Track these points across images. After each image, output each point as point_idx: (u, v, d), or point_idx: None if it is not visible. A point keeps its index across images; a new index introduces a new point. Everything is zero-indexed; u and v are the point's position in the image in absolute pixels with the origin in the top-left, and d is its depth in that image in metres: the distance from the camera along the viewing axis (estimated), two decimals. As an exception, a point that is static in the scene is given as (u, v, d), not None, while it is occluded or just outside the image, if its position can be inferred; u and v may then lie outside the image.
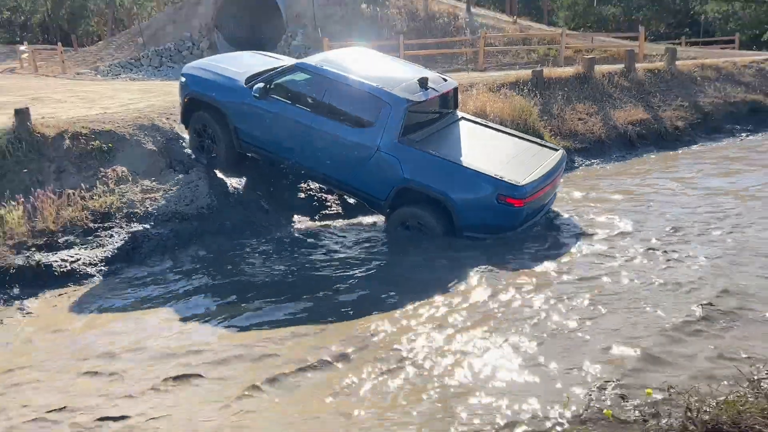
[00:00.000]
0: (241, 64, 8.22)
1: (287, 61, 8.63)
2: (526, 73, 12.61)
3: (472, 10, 24.45)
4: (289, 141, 7.39)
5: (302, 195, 8.48)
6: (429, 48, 20.65)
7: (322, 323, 5.31)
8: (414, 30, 22.69)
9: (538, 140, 8.28)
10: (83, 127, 8.14)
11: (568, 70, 13.28)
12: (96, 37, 36.10)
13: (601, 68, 13.44)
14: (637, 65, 14.03)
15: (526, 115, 10.41)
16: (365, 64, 7.59)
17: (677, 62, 14.36)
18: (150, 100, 11.00)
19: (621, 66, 13.70)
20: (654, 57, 18.34)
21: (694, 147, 11.71)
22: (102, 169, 7.76)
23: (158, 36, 26.25)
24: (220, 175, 8.17)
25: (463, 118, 8.00)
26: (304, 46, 23.70)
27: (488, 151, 7.31)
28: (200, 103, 7.89)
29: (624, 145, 11.39)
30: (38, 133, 7.82)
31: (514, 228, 6.85)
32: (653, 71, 13.77)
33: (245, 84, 7.59)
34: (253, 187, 8.35)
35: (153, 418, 4.01)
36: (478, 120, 8.31)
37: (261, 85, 7.33)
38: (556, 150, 7.79)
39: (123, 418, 4.04)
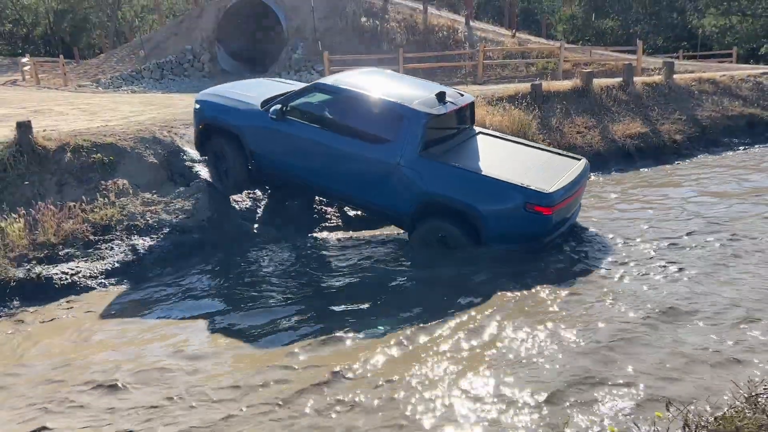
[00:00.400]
0: (255, 90, 8.23)
1: (301, 86, 8.55)
2: (524, 87, 12.69)
3: (471, 23, 24.61)
4: (307, 162, 7.34)
5: (302, 207, 8.52)
6: (428, 61, 20.77)
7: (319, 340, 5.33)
8: (413, 43, 22.84)
9: (560, 151, 8.22)
10: (85, 139, 8.19)
11: (566, 84, 13.37)
12: (98, 49, 36.26)
13: (599, 81, 13.51)
14: (635, 79, 14.10)
15: (525, 128, 10.47)
16: (381, 82, 7.59)
17: (675, 76, 14.44)
18: (151, 112, 11.06)
19: (619, 79, 13.77)
20: (652, 70, 18.45)
21: (693, 160, 11.76)
22: (103, 181, 7.81)
23: (160, 49, 26.40)
24: (220, 188, 8.20)
25: (481, 132, 7.97)
26: (305, 58, 23.86)
27: (511, 162, 7.24)
28: (215, 128, 7.89)
29: (623, 158, 11.43)
30: (40, 145, 7.87)
31: (542, 237, 6.76)
32: (651, 85, 13.84)
33: (261, 107, 7.58)
34: (254, 199, 8.41)
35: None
36: (497, 134, 8.29)
37: (278, 106, 7.32)
38: (579, 159, 7.70)
39: None
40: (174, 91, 21.24)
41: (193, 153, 8.63)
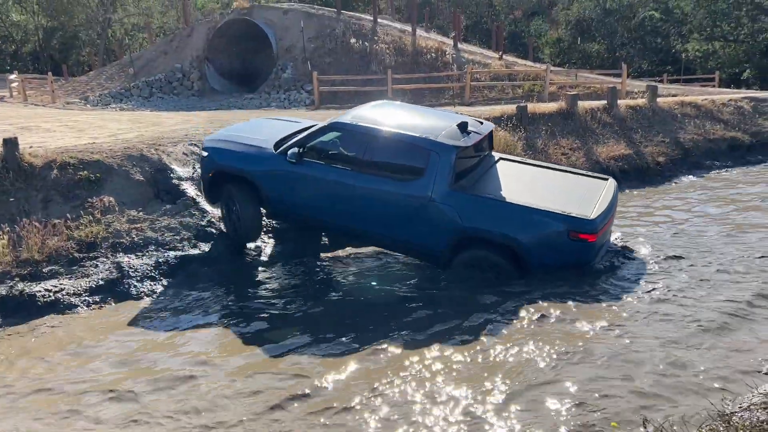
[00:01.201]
0: (262, 132, 7.95)
1: (306, 123, 8.47)
2: (510, 108, 12.85)
3: (459, 46, 24.91)
4: (331, 204, 7.04)
5: (287, 225, 8.53)
6: (417, 82, 20.98)
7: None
8: (402, 65, 23.06)
9: (585, 171, 8.11)
10: (71, 156, 8.18)
11: (551, 106, 13.56)
12: (87, 67, 36.27)
13: (584, 104, 13.73)
14: (620, 101, 14.35)
15: (510, 150, 10.59)
16: (398, 115, 7.38)
17: (658, 99, 14.70)
18: (139, 130, 11.07)
19: (603, 102, 14.00)
20: (636, 94, 18.76)
21: (676, 182, 11.94)
22: (89, 199, 7.79)
23: (149, 67, 26.46)
24: (206, 206, 8.21)
25: (501, 158, 7.84)
26: (294, 78, 24.00)
27: (541, 188, 7.06)
28: (228, 176, 7.51)
29: (607, 179, 11.58)
30: (26, 162, 7.85)
31: (588, 264, 6.57)
32: (635, 108, 14.08)
33: (274, 150, 7.30)
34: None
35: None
36: (516, 158, 8.22)
37: (295, 149, 7.04)
38: (606, 179, 7.58)
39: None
40: (163, 110, 21.26)
41: (181, 171, 8.65)
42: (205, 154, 7.71)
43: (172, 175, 8.55)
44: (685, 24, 34.14)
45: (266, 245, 8.15)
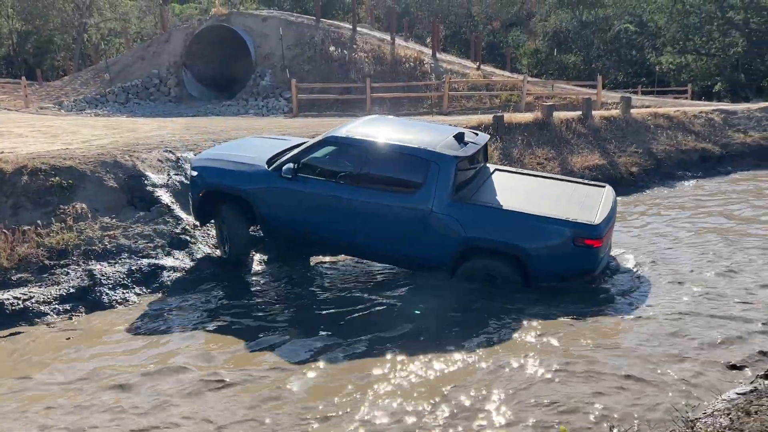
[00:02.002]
0: (254, 149, 7.85)
1: (295, 140, 8.37)
2: (487, 118, 12.97)
3: (438, 55, 25.11)
4: (328, 219, 6.94)
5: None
6: (395, 91, 21.10)
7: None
8: (381, 73, 23.17)
9: (581, 180, 8.19)
10: (43, 162, 8.07)
11: (528, 116, 13.71)
12: (62, 72, 35.75)
13: (559, 114, 13.90)
14: (594, 112, 14.56)
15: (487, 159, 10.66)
16: (394, 128, 7.36)
17: (632, 110, 14.96)
18: (114, 136, 10.95)
19: (579, 113, 14.20)
20: (611, 105, 19.05)
21: (648, 192, 12.13)
22: (61, 205, 7.69)
23: (125, 72, 26.23)
24: (180, 213, 8.15)
25: (497, 169, 7.86)
26: (273, 86, 23.98)
27: (541, 196, 7.05)
28: (219, 195, 7.40)
29: (581, 189, 11.73)
30: (-4, 168, 7.73)
31: (592, 272, 6.56)
32: (609, 118, 14.30)
33: (268, 168, 7.19)
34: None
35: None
36: (512, 169, 8.27)
37: (290, 165, 6.94)
38: (603, 186, 7.62)
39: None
40: (139, 116, 21.07)
41: (155, 178, 8.57)
42: (194, 173, 7.53)
43: (146, 181, 8.47)
44: (659, 37, 34.84)
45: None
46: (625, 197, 11.67)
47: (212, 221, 7.89)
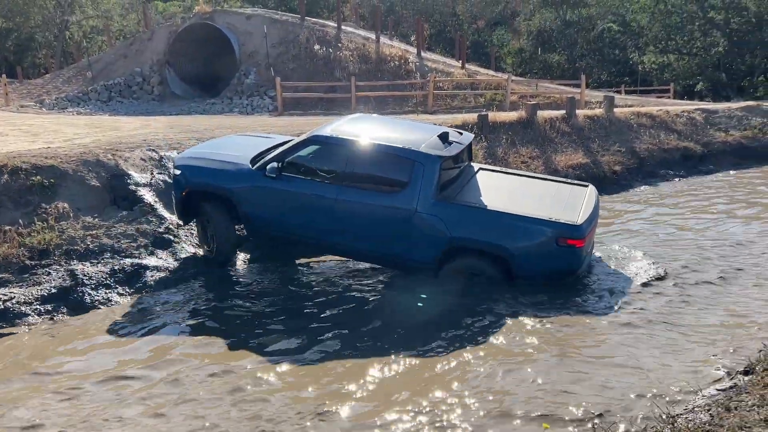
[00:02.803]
0: (238, 147, 7.80)
1: (279, 138, 8.34)
2: (472, 117, 13.03)
3: (423, 54, 25.13)
4: (312, 219, 6.92)
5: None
6: (380, 90, 21.09)
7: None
8: (366, 72, 23.14)
9: (564, 179, 8.25)
10: (24, 161, 7.97)
11: (512, 115, 13.78)
12: (43, 69, 35.29)
13: (543, 114, 13.99)
14: (578, 111, 14.67)
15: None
16: (379, 128, 7.35)
17: (615, 109, 15.08)
18: (96, 135, 10.84)
19: (563, 112, 14.30)
20: (594, 104, 19.21)
21: (631, 190, 12.24)
22: (43, 204, 7.60)
23: (108, 70, 25.96)
24: (163, 212, 8.09)
25: (481, 168, 7.87)
26: (257, 84, 23.86)
27: (525, 196, 7.12)
28: (202, 194, 7.37)
29: (565, 187, 11.81)
30: (-24, 167, 7.62)
31: (575, 272, 6.63)
32: (592, 117, 14.42)
33: (252, 166, 7.16)
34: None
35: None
36: (496, 168, 8.28)
37: (275, 164, 6.93)
38: (586, 186, 7.66)
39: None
40: (122, 114, 20.88)
41: (138, 177, 8.50)
42: (177, 172, 7.48)
43: (129, 180, 8.40)
44: (641, 36, 35.13)
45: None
46: (608, 196, 11.78)
47: (194, 220, 7.83)
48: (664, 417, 3.71)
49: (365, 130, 7.13)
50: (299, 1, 27.57)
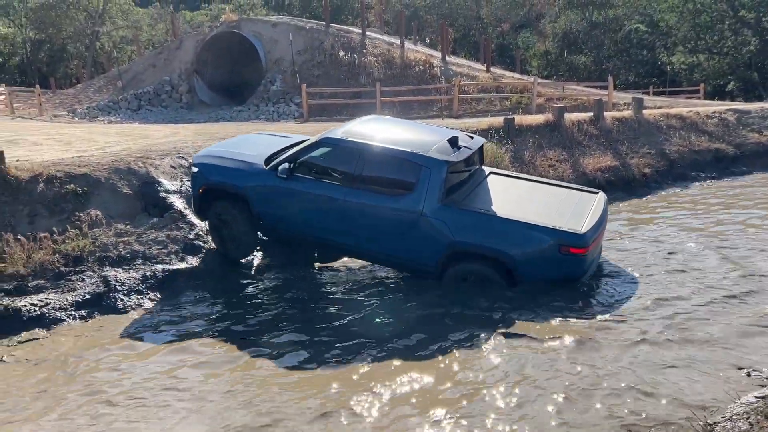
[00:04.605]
0: (254, 147, 7.97)
1: (296, 137, 8.48)
2: (498, 120, 12.94)
3: (447, 58, 25.09)
4: (322, 219, 7.04)
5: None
6: (405, 95, 21.09)
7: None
8: (390, 77, 23.17)
9: (575, 185, 8.20)
10: (58, 170, 8.15)
11: (539, 118, 13.66)
12: (75, 79, 36.10)
13: (570, 116, 13.84)
14: (606, 113, 14.48)
15: (498, 161, 10.65)
16: (389, 130, 7.40)
17: (644, 111, 14.85)
18: (127, 143, 11.04)
19: (590, 114, 14.12)
20: (622, 106, 18.94)
21: (661, 193, 12.03)
22: (76, 212, 7.76)
23: (138, 80, 26.43)
24: (194, 219, 8.20)
25: (492, 172, 7.88)
26: (283, 91, 24.07)
27: (532, 202, 7.12)
28: (218, 192, 7.56)
29: (593, 191, 11.65)
30: (12, 176, 7.80)
31: (579, 278, 6.64)
32: (621, 120, 14.21)
33: (265, 166, 7.31)
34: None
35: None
36: (507, 172, 8.28)
37: (286, 165, 7.08)
38: (596, 193, 7.64)
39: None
40: (151, 122, 21.21)
41: (168, 184, 8.63)
42: (195, 170, 7.71)
43: (159, 188, 8.52)
44: (670, 36, 34.57)
45: (254, 257, 8.13)
46: (638, 199, 11.61)
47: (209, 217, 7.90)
48: (701, 426, 3.63)
49: (376, 133, 7.21)
50: (324, 8, 27.77)
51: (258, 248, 8.18)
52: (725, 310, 6.17)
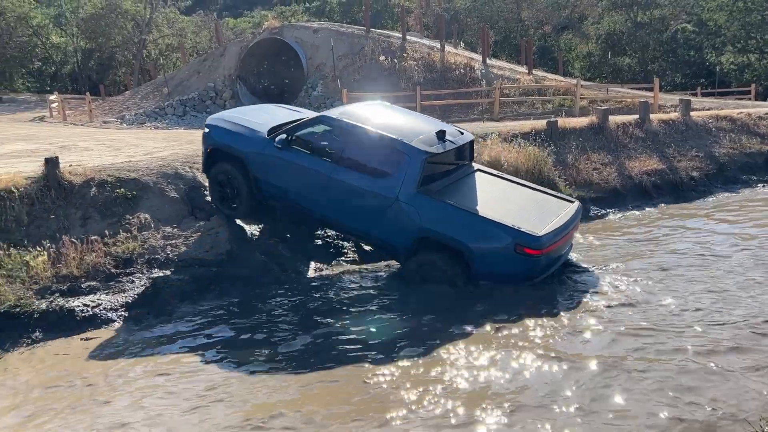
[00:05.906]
0: (264, 116, 8.44)
1: (309, 114, 8.90)
2: (540, 123, 12.80)
3: (488, 61, 24.94)
4: (309, 191, 7.54)
5: (319, 242, 8.62)
6: (445, 98, 21.04)
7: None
8: (431, 81, 23.16)
9: (554, 192, 8.42)
10: (109, 175, 8.40)
11: (582, 121, 13.45)
12: (123, 86, 37.14)
13: (615, 119, 13.59)
14: (652, 116, 14.17)
15: (540, 165, 10.53)
16: (385, 116, 7.79)
17: (692, 113, 14.48)
18: (173, 148, 11.30)
19: (635, 116, 13.84)
20: (669, 108, 18.50)
21: (711, 198, 11.70)
22: (126, 216, 7.98)
23: (183, 86, 27.05)
24: (239, 222, 8.35)
25: (479, 169, 8.17)
26: (324, 96, 24.28)
27: (505, 201, 7.46)
28: (223, 153, 8.07)
29: (639, 194, 11.42)
30: (66, 180, 8.07)
31: (531, 278, 6.92)
32: (667, 122, 13.89)
33: (267, 135, 7.79)
34: (272, 233, 8.51)
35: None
36: (494, 172, 8.47)
37: (283, 136, 7.57)
38: (572, 202, 7.95)
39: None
40: (196, 128, 21.60)
41: (214, 188, 8.79)
42: (206, 130, 8.27)
43: (205, 192, 8.70)
44: (718, 36, 33.64)
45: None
46: (686, 203, 11.31)
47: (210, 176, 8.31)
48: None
49: (372, 117, 7.59)
50: (364, 13, 27.95)
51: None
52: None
